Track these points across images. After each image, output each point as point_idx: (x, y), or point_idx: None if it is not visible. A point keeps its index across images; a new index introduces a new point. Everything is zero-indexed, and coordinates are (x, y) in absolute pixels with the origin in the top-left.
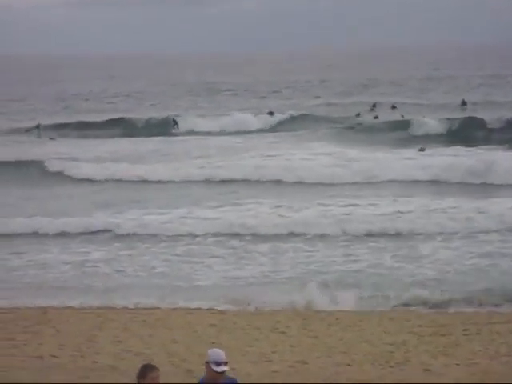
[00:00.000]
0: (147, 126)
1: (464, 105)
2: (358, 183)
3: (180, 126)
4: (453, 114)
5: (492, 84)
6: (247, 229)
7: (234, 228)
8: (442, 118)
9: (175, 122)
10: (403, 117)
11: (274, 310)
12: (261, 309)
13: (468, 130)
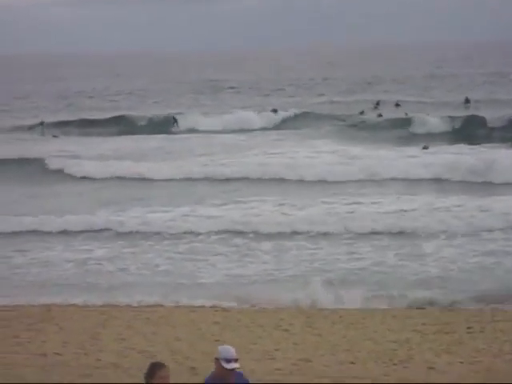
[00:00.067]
0: (150, 123)
1: (467, 103)
2: (362, 181)
3: (183, 123)
4: (456, 112)
5: (494, 82)
6: (250, 227)
7: (237, 226)
8: (446, 116)
9: (175, 119)
10: (407, 114)
11: (277, 308)
12: (264, 307)
13: (471, 128)
